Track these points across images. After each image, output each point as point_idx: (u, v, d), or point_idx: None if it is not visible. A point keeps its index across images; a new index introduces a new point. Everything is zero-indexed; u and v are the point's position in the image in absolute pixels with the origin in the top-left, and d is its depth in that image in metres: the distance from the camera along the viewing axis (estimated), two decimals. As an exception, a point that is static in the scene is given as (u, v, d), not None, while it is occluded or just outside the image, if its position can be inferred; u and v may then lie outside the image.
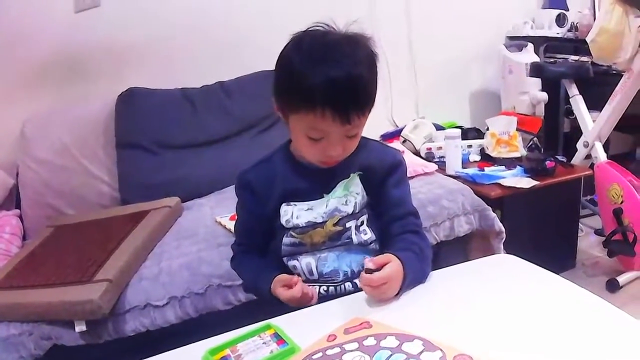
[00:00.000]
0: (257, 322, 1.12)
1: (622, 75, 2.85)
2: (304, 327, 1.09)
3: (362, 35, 1.24)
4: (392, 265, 1.15)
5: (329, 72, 1.13)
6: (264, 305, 1.35)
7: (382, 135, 3.50)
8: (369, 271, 1.14)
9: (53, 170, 2.62)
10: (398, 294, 1.17)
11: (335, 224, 1.33)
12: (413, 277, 1.20)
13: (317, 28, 1.22)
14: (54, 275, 1.90)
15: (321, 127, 1.18)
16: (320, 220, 1.32)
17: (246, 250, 1.48)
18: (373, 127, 3.49)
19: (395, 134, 3.40)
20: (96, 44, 2.83)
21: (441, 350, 0.91)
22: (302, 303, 1.25)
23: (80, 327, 1.72)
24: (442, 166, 2.87)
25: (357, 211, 1.34)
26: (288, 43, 1.23)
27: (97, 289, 1.71)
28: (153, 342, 1.77)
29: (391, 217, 1.37)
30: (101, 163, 2.68)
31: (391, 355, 0.92)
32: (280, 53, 1.23)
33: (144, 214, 2.25)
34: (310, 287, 1.31)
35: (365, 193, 1.35)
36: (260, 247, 1.44)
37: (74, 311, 1.71)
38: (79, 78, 2.83)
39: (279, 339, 1.05)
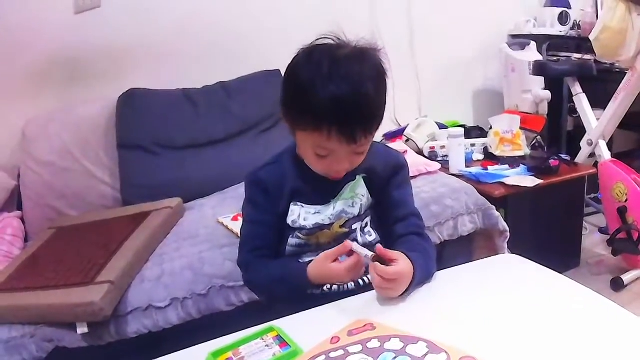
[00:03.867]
0: (260, 323, 1.11)
1: (626, 72, 2.84)
2: (307, 329, 1.08)
3: (372, 48, 1.22)
4: (404, 262, 1.15)
5: (336, 92, 1.12)
6: (266, 306, 1.34)
7: (384, 135, 3.48)
8: (377, 259, 1.14)
9: (55, 171, 2.60)
10: (405, 293, 1.16)
11: (341, 226, 1.33)
12: (421, 277, 1.20)
13: (327, 40, 1.21)
14: (55, 277, 1.90)
15: (327, 146, 1.18)
16: (327, 222, 1.32)
17: (263, 255, 1.38)
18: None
19: (398, 133, 3.38)
20: (97, 44, 2.81)
21: (446, 352, 0.91)
22: (358, 272, 1.23)
23: (82, 329, 1.71)
24: (445, 165, 2.86)
25: (362, 213, 1.34)
26: (296, 55, 1.21)
27: (99, 291, 1.71)
28: (155, 343, 1.78)
29: (394, 219, 1.37)
30: (103, 164, 2.66)
31: (395, 357, 0.91)
32: (289, 65, 1.22)
33: (146, 215, 2.24)
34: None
35: (369, 195, 1.34)
36: (275, 248, 1.38)
37: (76, 313, 1.70)
38: (80, 79, 2.82)
39: (281, 341, 1.04)
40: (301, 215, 1.32)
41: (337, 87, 1.12)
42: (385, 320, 1.05)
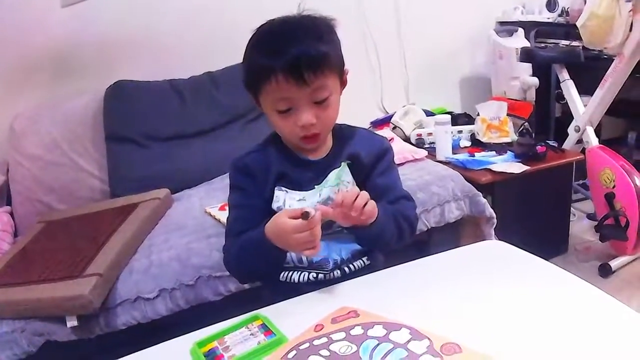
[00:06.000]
0: (247, 312, 1.12)
1: (613, 59, 2.85)
2: (292, 317, 1.09)
3: (320, 15, 1.27)
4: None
5: (273, 37, 1.21)
6: (253, 296, 1.34)
7: (372, 122, 3.50)
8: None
9: (43, 165, 2.60)
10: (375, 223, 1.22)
11: None
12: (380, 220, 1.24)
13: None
14: (45, 272, 1.90)
15: (282, 94, 1.19)
16: None
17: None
18: (363, 113, 3.51)
19: (386, 121, 3.40)
20: (83, 38, 2.81)
21: (428, 338, 0.92)
22: (306, 239, 1.15)
23: (71, 322, 1.73)
24: (432, 152, 2.87)
25: None
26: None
27: (88, 284, 1.71)
28: (144, 334, 1.77)
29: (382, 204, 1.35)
30: (91, 157, 2.66)
31: (378, 344, 0.92)
32: None
33: (134, 207, 2.24)
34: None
35: (355, 182, 1.34)
36: None
37: (65, 306, 1.71)
38: (67, 72, 2.82)
39: (266, 329, 1.05)
40: (286, 201, 1.30)
41: (273, 35, 1.22)
42: (369, 308, 1.05)
